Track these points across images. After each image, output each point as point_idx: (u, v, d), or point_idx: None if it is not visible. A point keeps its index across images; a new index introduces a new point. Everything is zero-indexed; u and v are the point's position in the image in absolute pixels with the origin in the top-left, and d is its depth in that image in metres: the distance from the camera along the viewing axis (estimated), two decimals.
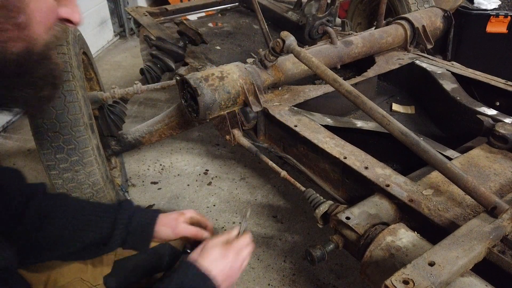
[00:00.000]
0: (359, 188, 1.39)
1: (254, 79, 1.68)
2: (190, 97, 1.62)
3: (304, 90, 1.87)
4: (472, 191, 1.09)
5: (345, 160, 1.39)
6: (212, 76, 1.60)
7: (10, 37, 0.68)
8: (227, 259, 1.04)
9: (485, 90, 1.90)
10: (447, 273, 0.89)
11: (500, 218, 1.04)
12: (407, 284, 0.84)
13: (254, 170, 2.62)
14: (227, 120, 1.68)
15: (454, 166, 1.13)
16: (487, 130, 1.47)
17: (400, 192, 1.24)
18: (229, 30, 3.17)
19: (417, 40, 2.22)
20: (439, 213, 1.16)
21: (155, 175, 2.60)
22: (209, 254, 1.04)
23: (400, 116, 2.09)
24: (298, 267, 1.96)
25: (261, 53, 1.74)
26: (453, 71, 2.00)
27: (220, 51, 2.81)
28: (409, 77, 2.17)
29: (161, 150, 2.83)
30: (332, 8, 2.52)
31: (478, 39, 3.20)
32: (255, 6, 2.28)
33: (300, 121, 1.61)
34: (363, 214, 1.19)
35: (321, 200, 1.33)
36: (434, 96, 1.97)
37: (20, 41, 0.69)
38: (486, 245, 0.98)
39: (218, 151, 2.81)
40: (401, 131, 1.21)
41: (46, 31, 0.73)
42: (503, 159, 1.36)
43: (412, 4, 2.82)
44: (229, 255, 1.05)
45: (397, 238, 1.06)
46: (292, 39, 1.57)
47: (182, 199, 2.41)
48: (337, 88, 1.39)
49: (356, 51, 2.06)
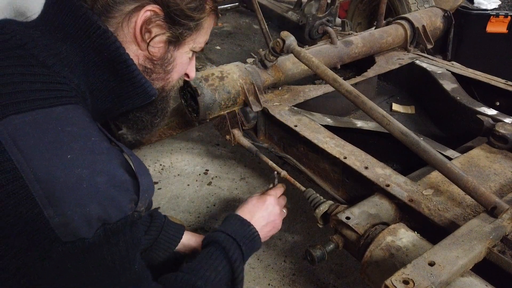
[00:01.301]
0: (359, 188, 1.39)
1: (254, 79, 1.68)
2: (190, 97, 1.62)
3: (304, 90, 1.87)
4: (472, 191, 1.09)
5: (345, 160, 1.39)
6: (212, 76, 1.60)
7: (159, 78, 0.98)
8: (263, 207, 1.28)
9: (485, 90, 1.90)
10: (447, 273, 0.88)
11: (500, 218, 1.04)
12: (407, 284, 0.84)
13: (254, 170, 2.62)
14: (227, 120, 1.68)
15: (454, 166, 1.13)
16: (487, 130, 1.47)
17: (400, 192, 1.24)
18: (229, 30, 3.17)
19: (417, 40, 2.22)
20: (439, 213, 1.16)
21: (155, 175, 2.60)
22: (247, 205, 1.28)
23: (400, 116, 2.09)
24: (298, 267, 1.96)
25: (261, 53, 1.74)
26: (453, 71, 2.00)
27: (220, 51, 2.82)
28: (409, 77, 2.17)
29: (161, 150, 2.82)
30: (332, 8, 2.53)
31: (478, 39, 3.20)
32: (255, 6, 2.28)
33: (300, 121, 1.61)
34: (363, 214, 1.19)
35: (321, 200, 1.33)
36: (434, 96, 1.97)
37: (162, 81, 0.99)
38: (486, 245, 0.98)
39: (218, 151, 2.81)
40: (401, 131, 1.21)
41: (177, 79, 1.04)
42: (503, 159, 1.36)
43: (412, 4, 2.82)
44: (265, 204, 1.28)
45: (397, 238, 1.06)
46: (292, 39, 1.57)
47: (182, 199, 2.40)
48: (337, 88, 1.39)
49: (356, 51, 2.06)
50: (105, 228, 0.73)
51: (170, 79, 1.01)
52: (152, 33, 0.88)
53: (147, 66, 0.93)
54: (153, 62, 0.93)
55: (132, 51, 0.89)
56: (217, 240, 1.13)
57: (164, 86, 1.01)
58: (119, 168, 0.78)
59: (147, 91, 0.94)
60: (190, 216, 2.26)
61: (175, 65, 0.98)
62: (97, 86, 0.88)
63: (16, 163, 0.67)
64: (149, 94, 0.95)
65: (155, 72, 0.95)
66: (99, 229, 0.72)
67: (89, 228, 0.71)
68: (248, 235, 1.18)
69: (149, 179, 0.83)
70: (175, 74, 1.01)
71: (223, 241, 1.12)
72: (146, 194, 0.80)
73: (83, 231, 0.70)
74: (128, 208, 0.77)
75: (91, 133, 0.78)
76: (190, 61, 1.05)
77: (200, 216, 2.27)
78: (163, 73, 0.97)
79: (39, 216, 0.68)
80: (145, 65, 0.93)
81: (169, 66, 0.97)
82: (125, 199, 0.76)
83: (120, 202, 0.75)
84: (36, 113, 0.73)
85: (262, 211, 1.27)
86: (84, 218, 0.70)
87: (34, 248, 0.69)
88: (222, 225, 1.20)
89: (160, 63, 0.94)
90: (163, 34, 0.90)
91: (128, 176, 0.78)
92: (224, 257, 1.09)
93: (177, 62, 0.98)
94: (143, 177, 0.81)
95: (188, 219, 2.24)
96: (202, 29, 0.97)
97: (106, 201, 0.73)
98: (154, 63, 0.94)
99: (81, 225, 0.70)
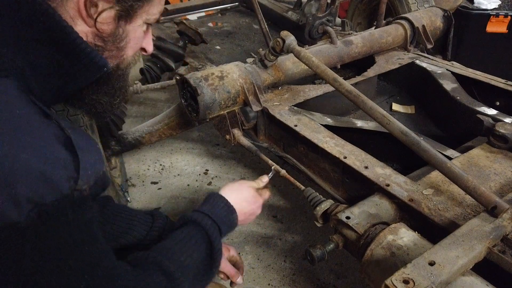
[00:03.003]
0: (359, 187, 1.39)
1: (254, 79, 1.67)
2: (190, 96, 1.62)
3: (304, 89, 1.87)
4: (472, 190, 1.09)
5: (345, 160, 1.39)
6: (212, 76, 1.60)
7: (112, 55, 0.90)
8: (253, 205, 1.20)
9: (485, 90, 1.89)
10: (448, 272, 0.88)
11: (500, 218, 1.04)
12: (407, 283, 0.84)
13: (254, 170, 2.62)
14: (227, 119, 1.68)
15: (454, 166, 1.13)
16: (487, 129, 1.47)
17: (400, 192, 1.24)
18: (229, 30, 3.17)
19: (417, 40, 2.22)
20: (439, 212, 1.16)
21: (155, 175, 2.60)
22: (242, 194, 1.18)
23: (400, 116, 2.09)
24: (298, 267, 1.96)
25: (261, 53, 1.74)
26: (453, 71, 2.00)
27: (220, 50, 2.82)
28: (409, 77, 2.17)
29: (161, 150, 2.82)
30: (332, 8, 2.52)
31: (478, 39, 3.19)
32: (255, 6, 2.28)
33: (300, 121, 1.61)
34: (363, 214, 1.19)
35: (321, 199, 1.33)
36: (434, 96, 1.97)
37: (116, 59, 0.92)
38: (486, 245, 0.98)
39: (218, 151, 2.81)
40: (401, 131, 1.21)
41: (132, 55, 0.96)
42: (503, 158, 1.36)
43: (412, 4, 2.82)
44: (255, 203, 1.21)
45: (398, 237, 1.06)
46: (292, 39, 1.57)
47: (182, 199, 2.41)
48: (337, 87, 1.39)
49: (356, 51, 2.06)
50: (39, 210, 0.66)
51: (124, 56, 0.93)
52: (98, 7, 0.81)
53: (97, 43, 0.86)
54: (103, 39, 0.86)
55: (79, 29, 0.82)
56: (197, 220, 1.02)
57: (119, 64, 0.94)
58: (54, 144, 0.71)
59: (95, 61, 0.86)
60: None
61: (128, 41, 0.90)
62: (39, 62, 0.81)
63: None
64: (98, 65, 0.87)
65: (107, 49, 0.88)
66: (31, 211, 0.66)
67: (19, 210, 0.65)
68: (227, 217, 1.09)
69: (95, 155, 0.78)
70: (129, 50, 0.93)
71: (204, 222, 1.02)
72: (88, 172, 0.74)
73: (12, 214, 0.64)
74: (64, 187, 0.70)
75: (17, 106, 0.71)
76: (146, 34, 0.96)
77: None
78: (116, 50, 0.90)
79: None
80: (95, 42, 0.86)
81: (122, 42, 0.89)
82: (60, 177, 0.69)
83: (52, 180, 0.68)
84: None
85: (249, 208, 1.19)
86: (10, 199, 0.64)
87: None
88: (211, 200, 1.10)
89: (111, 39, 0.87)
90: (111, 9, 0.83)
91: (65, 152, 0.72)
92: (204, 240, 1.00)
93: (130, 38, 0.90)
94: (86, 153, 0.74)
95: None
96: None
97: (34, 180, 0.66)
98: (105, 40, 0.87)
99: (8, 207, 0.64)
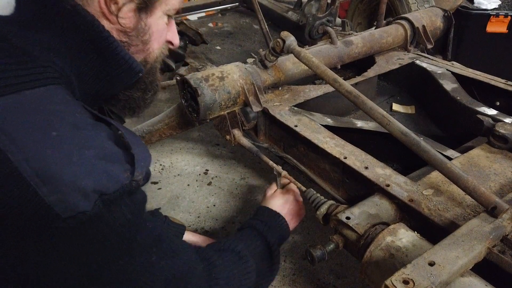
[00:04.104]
0: (359, 188, 1.39)
1: (254, 79, 1.68)
2: (190, 97, 1.62)
3: (304, 90, 1.87)
4: (472, 191, 1.09)
5: (345, 160, 1.39)
6: (212, 76, 1.60)
7: (138, 50, 0.93)
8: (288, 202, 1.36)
9: (485, 90, 1.89)
10: (447, 273, 0.89)
11: (500, 218, 1.04)
12: (407, 284, 0.84)
13: (254, 170, 2.62)
14: (227, 120, 1.68)
15: (454, 166, 1.13)
16: (487, 130, 1.47)
17: (400, 192, 1.24)
18: (229, 30, 3.17)
19: (417, 40, 2.22)
20: (439, 213, 1.16)
21: (155, 175, 2.60)
22: (275, 201, 1.35)
23: (400, 116, 2.09)
24: (298, 267, 1.96)
25: (261, 53, 1.74)
26: (453, 71, 2.00)
27: (220, 51, 2.82)
28: (409, 77, 2.17)
29: (161, 150, 2.82)
30: (332, 8, 2.52)
31: (478, 39, 3.20)
32: (255, 6, 2.29)
33: (300, 121, 1.61)
34: (363, 214, 1.19)
35: (322, 200, 1.32)
36: (434, 96, 1.97)
37: (142, 53, 0.94)
38: (486, 245, 0.98)
39: (218, 151, 2.81)
40: (401, 131, 1.21)
41: (158, 48, 0.98)
42: (503, 159, 1.36)
43: (412, 4, 2.83)
44: (289, 199, 1.37)
45: (397, 238, 1.06)
46: (292, 39, 1.57)
47: (182, 199, 2.41)
48: (337, 88, 1.39)
49: (356, 51, 2.06)
50: (103, 199, 0.73)
51: (150, 49, 0.96)
52: (118, 3, 0.85)
53: (122, 40, 0.89)
54: (128, 34, 0.89)
55: (105, 27, 0.86)
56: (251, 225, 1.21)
57: (146, 58, 0.97)
58: (107, 141, 0.78)
59: (133, 67, 0.91)
60: (190, 216, 2.27)
61: (151, 33, 0.93)
62: (83, 69, 0.86)
63: (2, 145, 0.67)
64: (135, 70, 0.93)
65: (133, 44, 0.91)
66: (98, 200, 0.72)
67: (87, 201, 0.71)
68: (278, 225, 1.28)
69: (143, 148, 0.84)
70: (154, 43, 0.96)
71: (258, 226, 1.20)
72: (142, 163, 0.81)
73: (81, 204, 0.70)
74: (123, 177, 0.77)
75: (74, 110, 0.78)
76: (169, 26, 0.99)
77: (200, 216, 2.27)
78: (141, 44, 0.93)
79: (34, 196, 0.67)
80: (121, 39, 0.89)
81: (146, 36, 0.92)
82: (118, 170, 0.76)
83: (113, 173, 0.75)
84: (18, 95, 0.73)
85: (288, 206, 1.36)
86: (79, 192, 0.70)
87: (35, 230, 0.69)
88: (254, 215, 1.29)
89: (135, 34, 0.90)
90: (130, 2, 0.86)
91: (117, 147, 0.78)
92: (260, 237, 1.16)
93: (153, 30, 0.93)
94: (136, 147, 0.81)
95: (188, 219, 2.24)
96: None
97: (98, 173, 0.73)
98: (129, 35, 0.90)
99: (78, 199, 0.70)
